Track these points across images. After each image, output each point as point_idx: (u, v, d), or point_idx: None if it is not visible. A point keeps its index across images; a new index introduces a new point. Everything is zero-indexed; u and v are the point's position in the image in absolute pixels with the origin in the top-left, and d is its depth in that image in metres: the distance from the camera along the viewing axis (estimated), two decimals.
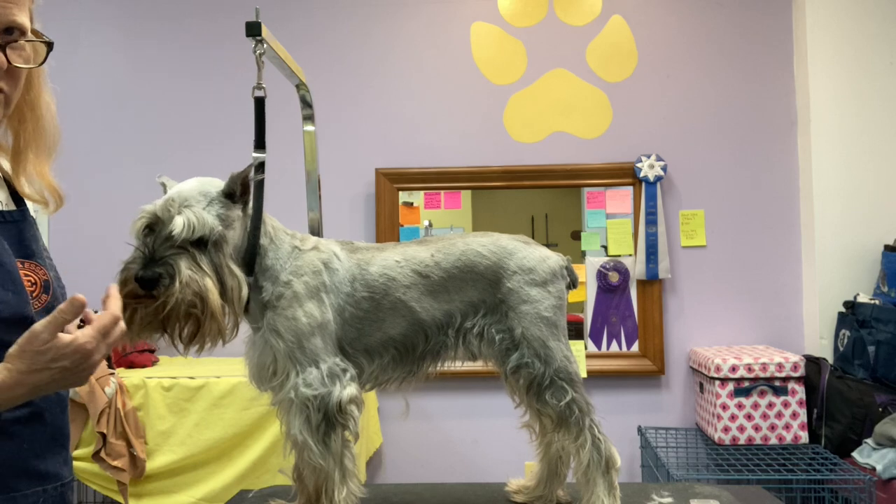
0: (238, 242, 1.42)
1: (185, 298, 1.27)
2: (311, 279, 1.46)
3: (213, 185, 1.40)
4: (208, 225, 1.33)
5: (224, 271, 1.34)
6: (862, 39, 3.42)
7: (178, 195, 1.36)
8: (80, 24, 3.72)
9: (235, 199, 1.40)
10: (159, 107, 3.69)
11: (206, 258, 1.32)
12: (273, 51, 1.62)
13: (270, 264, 1.46)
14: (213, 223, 1.34)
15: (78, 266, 3.65)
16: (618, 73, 3.61)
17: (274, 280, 1.45)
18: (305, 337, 1.43)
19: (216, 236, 1.34)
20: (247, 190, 1.42)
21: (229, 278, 1.34)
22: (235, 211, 1.40)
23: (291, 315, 1.43)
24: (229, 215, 1.38)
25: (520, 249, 1.56)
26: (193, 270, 1.29)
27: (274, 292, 1.45)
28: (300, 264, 1.47)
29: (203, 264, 1.31)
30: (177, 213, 1.32)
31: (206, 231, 1.32)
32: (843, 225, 3.38)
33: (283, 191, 3.20)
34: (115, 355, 3.10)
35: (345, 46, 3.67)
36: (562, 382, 1.49)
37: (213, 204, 1.37)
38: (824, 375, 3.15)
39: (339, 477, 1.42)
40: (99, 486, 2.87)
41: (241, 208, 1.42)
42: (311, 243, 1.52)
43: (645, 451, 3.35)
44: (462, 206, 3.65)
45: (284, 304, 1.44)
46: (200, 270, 1.30)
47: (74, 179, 3.65)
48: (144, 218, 1.34)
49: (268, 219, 1.49)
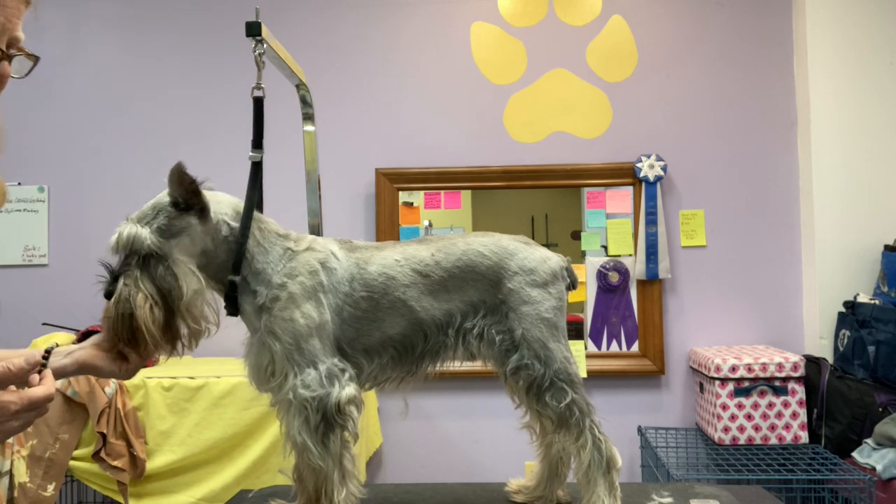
0: (209, 247, 1.42)
1: (123, 313, 1.34)
2: (307, 280, 1.45)
3: (166, 198, 1.41)
4: (138, 240, 1.36)
5: (164, 282, 1.36)
6: (862, 39, 3.42)
7: (136, 212, 1.41)
8: (80, 23, 3.72)
9: (182, 207, 1.40)
10: (160, 106, 3.69)
11: (145, 272, 1.36)
12: (273, 51, 1.62)
13: (261, 268, 1.45)
14: (141, 237, 1.36)
15: (78, 266, 3.66)
16: (618, 73, 3.61)
17: (267, 283, 1.44)
18: (303, 338, 1.42)
19: (146, 250, 1.36)
20: (195, 196, 1.40)
21: (172, 289, 1.36)
22: (184, 219, 1.40)
23: (288, 317, 1.43)
24: (173, 224, 1.39)
25: (521, 250, 1.55)
26: (129, 286, 1.34)
27: (269, 295, 1.44)
28: (294, 265, 1.46)
29: (141, 279, 1.35)
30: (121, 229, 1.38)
31: (137, 246, 1.36)
32: (843, 225, 3.39)
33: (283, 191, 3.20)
34: None
35: (345, 46, 3.67)
36: (562, 384, 1.49)
37: (159, 216, 1.39)
38: (824, 375, 3.15)
39: (338, 478, 1.42)
40: (99, 486, 2.87)
41: (197, 215, 1.41)
42: (305, 243, 1.51)
43: (645, 451, 3.35)
44: (462, 207, 3.65)
45: (280, 306, 1.43)
46: (135, 286, 1.35)
47: (75, 179, 3.67)
48: (113, 237, 1.40)
49: (259, 220, 1.48)
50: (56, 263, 3.68)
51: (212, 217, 1.43)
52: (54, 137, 3.69)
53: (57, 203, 3.68)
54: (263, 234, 1.48)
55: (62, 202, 3.68)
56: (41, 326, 3.41)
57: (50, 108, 3.70)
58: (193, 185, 1.39)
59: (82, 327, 3.28)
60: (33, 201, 3.67)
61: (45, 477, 2.76)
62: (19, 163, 3.69)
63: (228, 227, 1.44)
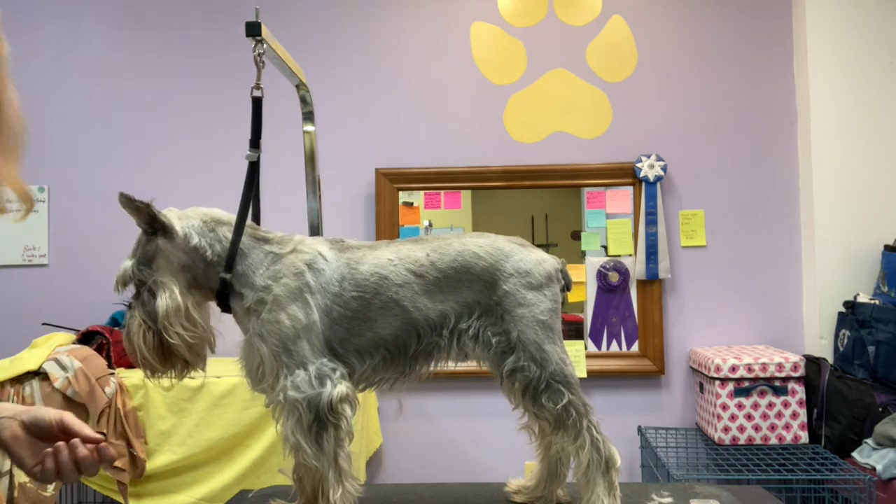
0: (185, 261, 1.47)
1: (130, 343, 1.45)
2: (291, 281, 1.45)
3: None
4: (126, 273, 1.46)
5: (150, 305, 1.43)
6: (862, 39, 3.42)
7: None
8: (80, 22, 3.72)
9: (149, 232, 1.47)
10: (160, 106, 3.69)
11: (139, 300, 1.45)
12: (273, 51, 1.62)
13: (242, 270, 1.48)
14: (127, 270, 1.46)
15: (78, 266, 3.66)
16: (618, 73, 3.61)
17: (251, 286, 1.47)
18: (290, 340, 1.43)
19: (131, 280, 1.46)
20: (151, 219, 1.45)
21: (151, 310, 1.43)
22: (153, 243, 1.46)
23: (274, 319, 1.43)
24: (147, 251, 1.46)
25: (516, 252, 1.55)
26: (132, 316, 1.44)
27: (254, 297, 1.46)
28: (279, 268, 1.47)
29: (137, 307, 1.45)
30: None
31: (126, 278, 1.46)
32: (843, 225, 3.38)
33: (283, 191, 3.20)
34: (116, 355, 3.10)
35: (345, 46, 3.67)
36: (558, 385, 1.49)
37: (138, 246, 1.48)
38: (824, 375, 3.15)
39: (334, 477, 1.42)
40: (99, 486, 2.87)
41: (162, 234, 1.46)
42: (290, 245, 1.51)
43: (645, 451, 3.35)
44: (462, 206, 3.65)
45: (266, 308, 1.45)
46: (132, 315, 1.44)
47: (75, 179, 3.67)
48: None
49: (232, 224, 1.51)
50: (56, 263, 3.68)
51: (179, 232, 1.47)
52: (55, 137, 3.69)
53: (57, 203, 3.68)
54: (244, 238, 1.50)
55: (62, 202, 3.68)
56: (41, 326, 3.41)
57: (50, 108, 3.70)
58: (146, 209, 1.44)
59: (82, 327, 3.28)
60: None
61: None
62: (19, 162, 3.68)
63: (198, 239, 1.48)
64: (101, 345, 3.12)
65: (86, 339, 3.15)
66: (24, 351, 2.97)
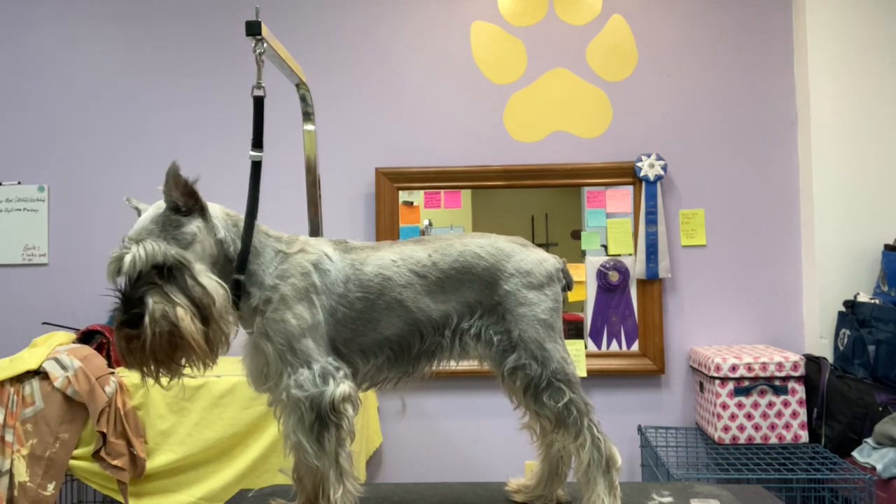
0: (213, 252, 1.41)
1: (161, 331, 1.28)
2: (298, 281, 1.46)
3: (163, 207, 1.38)
4: (159, 253, 1.31)
5: (195, 291, 1.32)
6: (862, 38, 3.42)
7: (133, 231, 1.36)
8: (80, 22, 3.72)
9: (184, 211, 1.38)
10: (160, 105, 3.69)
11: (173, 285, 1.31)
12: (273, 50, 1.62)
13: (253, 269, 1.46)
14: (164, 249, 1.32)
15: (78, 265, 3.66)
16: (618, 73, 3.61)
17: (260, 285, 1.45)
18: (295, 339, 1.43)
19: (172, 260, 1.32)
20: (193, 197, 1.39)
21: (203, 297, 1.33)
22: (192, 224, 1.38)
23: (280, 318, 1.43)
24: (185, 232, 1.37)
25: (517, 252, 1.56)
26: (162, 302, 1.29)
27: (262, 297, 1.45)
28: (286, 267, 1.47)
29: (171, 292, 1.31)
30: (127, 251, 1.32)
31: (157, 260, 1.31)
32: (843, 224, 3.38)
33: (283, 190, 3.20)
34: (116, 355, 3.10)
35: (345, 46, 3.67)
36: (559, 384, 1.49)
37: (167, 227, 1.36)
38: (824, 375, 3.15)
39: (334, 476, 1.42)
40: (99, 486, 2.87)
41: (200, 216, 1.40)
42: (298, 245, 1.51)
43: (645, 450, 3.35)
44: (462, 206, 3.65)
45: (272, 307, 1.44)
46: (169, 300, 1.30)
47: (75, 178, 3.67)
48: (112, 263, 1.34)
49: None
50: (56, 263, 3.68)
51: (210, 220, 1.43)
52: (54, 136, 3.69)
53: (57, 202, 3.68)
54: (257, 236, 1.48)
55: (62, 201, 3.68)
56: (41, 326, 3.41)
57: (50, 107, 3.70)
58: (188, 186, 1.38)
59: (82, 326, 3.28)
60: (33, 200, 3.67)
61: (45, 476, 2.76)
62: (19, 162, 3.69)
63: (224, 233, 1.44)
64: (101, 344, 3.12)
65: (86, 338, 3.15)
66: (24, 350, 2.98)
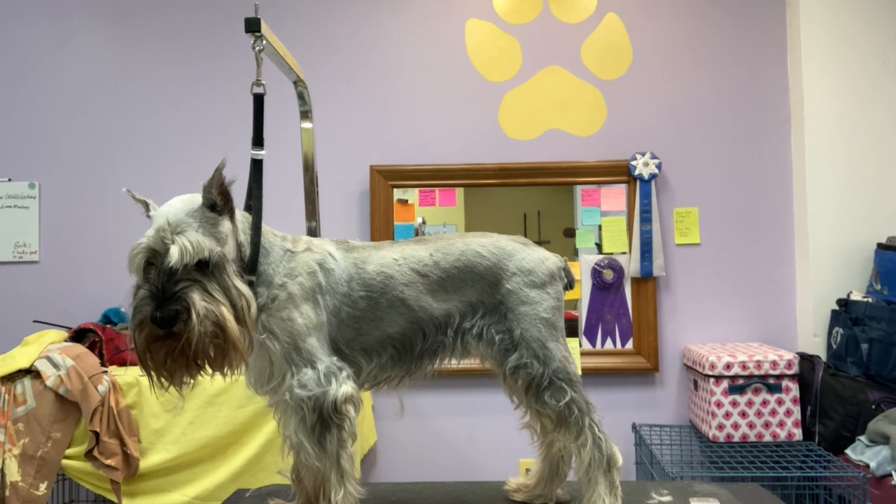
0: (234, 254, 1.38)
1: (206, 331, 1.24)
2: (305, 280, 1.45)
3: (197, 202, 1.35)
4: (206, 248, 1.27)
5: (233, 293, 1.29)
6: (856, 37, 3.43)
7: (169, 222, 1.29)
8: (71, 18, 3.68)
9: (219, 210, 1.35)
10: (152, 101, 3.66)
11: (215, 283, 1.27)
12: (272, 47, 1.61)
13: (263, 269, 1.44)
14: (210, 245, 1.29)
15: (69, 263, 3.63)
16: (612, 71, 3.61)
17: (268, 284, 1.44)
18: (301, 337, 1.42)
19: (217, 257, 1.29)
20: (228, 198, 1.37)
21: (239, 299, 1.30)
22: (225, 223, 1.36)
23: (287, 316, 1.42)
24: (221, 231, 1.34)
25: (519, 251, 1.56)
26: (208, 301, 1.25)
27: (269, 296, 1.43)
28: (294, 266, 1.46)
29: (214, 291, 1.27)
30: (171, 242, 1.26)
31: (204, 254, 1.27)
32: (837, 223, 3.40)
33: (280, 188, 3.19)
34: (108, 353, 3.08)
35: (339, 43, 3.65)
36: (561, 383, 1.49)
37: (205, 223, 1.31)
38: (818, 373, 3.16)
39: (336, 478, 1.42)
40: (92, 485, 2.85)
41: (229, 217, 1.38)
42: (303, 244, 1.50)
43: (639, 448, 3.36)
44: (456, 204, 3.64)
45: (279, 305, 1.43)
46: (214, 299, 1.26)
47: (66, 175, 3.64)
48: (142, 253, 1.28)
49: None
50: (47, 260, 3.65)
51: (236, 222, 1.41)
52: (45, 133, 3.66)
53: (48, 199, 3.65)
54: (265, 236, 1.47)
55: (53, 198, 3.65)
56: (32, 324, 3.38)
57: (40, 104, 3.66)
58: (226, 187, 1.36)
59: (73, 324, 3.25)
60: (24, 197, 3.63)
61: (36, 476, 2.74)
62: (9, 159, 3.66)
63: (243, 236, 1.43)
64: (94, 342, 3.09)
65: (78, 336, 3.13)
66: (16, 349, 2.95)
